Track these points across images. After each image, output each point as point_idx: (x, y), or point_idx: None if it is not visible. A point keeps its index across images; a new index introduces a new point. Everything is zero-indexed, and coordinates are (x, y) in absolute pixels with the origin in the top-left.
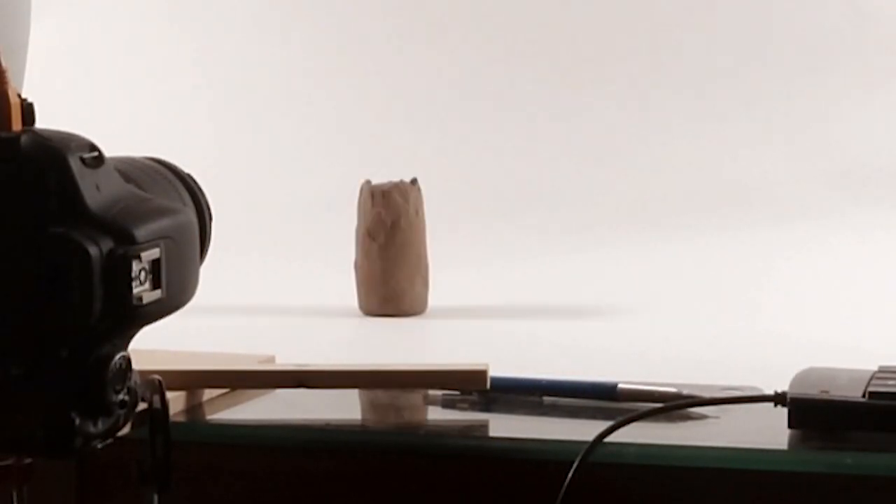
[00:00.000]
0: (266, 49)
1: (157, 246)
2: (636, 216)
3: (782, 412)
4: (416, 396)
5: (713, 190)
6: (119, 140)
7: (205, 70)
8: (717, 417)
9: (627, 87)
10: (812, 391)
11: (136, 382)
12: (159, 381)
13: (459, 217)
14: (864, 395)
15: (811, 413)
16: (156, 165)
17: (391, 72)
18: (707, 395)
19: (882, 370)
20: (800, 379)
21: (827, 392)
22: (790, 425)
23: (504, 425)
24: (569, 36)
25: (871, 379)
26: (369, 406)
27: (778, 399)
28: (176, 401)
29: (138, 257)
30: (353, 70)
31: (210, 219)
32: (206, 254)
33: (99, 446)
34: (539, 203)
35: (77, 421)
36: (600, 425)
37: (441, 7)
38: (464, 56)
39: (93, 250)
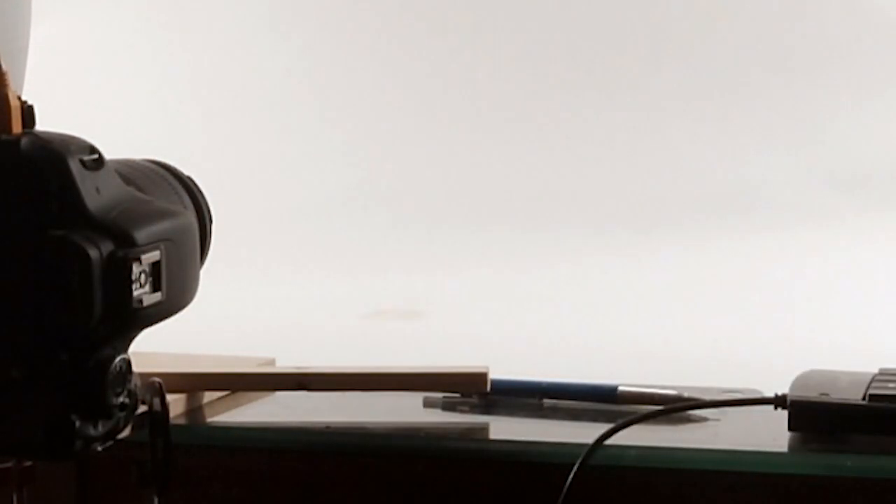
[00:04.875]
0: (268, 50)
1: (157, 248)
2: (636, 218)
3: (783, 415)
4: (416, 399)
5: (713, 192)
6: (119, 142)
7: (206, 72)
8: (717, 420)
9: (626, 89)
10: (812, 394)
11: (136, 385)
12: (160, 384)
13: (460, 218)
14: (863, 398)
15: (811, 415)
16: (156, 168)
17: (391, 74)
18: (707, 397)
19: (882, 373)
20: (800, 381)
21: (827, 395)
22: (790, 428)
23: (504, 428)
24: (569, 37)
25: (871, 381)
26: (370, 408)
27: (778, 402)
28: (176, 403)
29: (138, 260)
30: (354, 71)
31: (210, 221)
32: (206, 256)
33: (99, 449)
34: (539, 205)
35: (77, 423)
36: (601, 428)
37: (441, 8)
38: (462, 57)
39: (93, 253)
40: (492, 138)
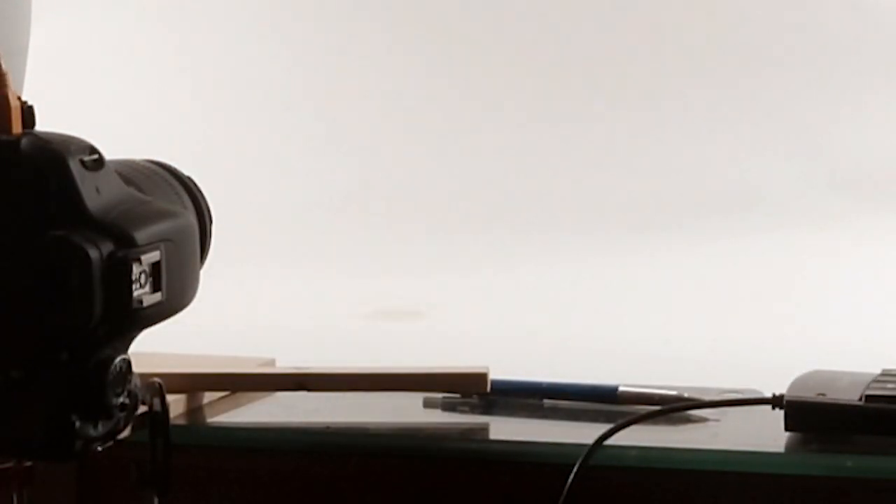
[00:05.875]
0: (268, 50)
1: (157, 249)
2: (636, 220)
3: (781, 415)
4: (416, 399)
5: (713, 192)
6: (119, 142)
7: (206, 73)
8: (717, 420)
9: (624, 90)
10: (809, 394)
11: (136, 385)
12: (160, 384)
13: (459, 219)
14: (861, 399)
15: (808, 416)
16: (156, 168)
17: (389, 74)
18: (707, 397)
19: (884, 373)
20: (799, 382)
21: (824, 395)
22: (787, 428)
23: (504, 428)
24: (567, 38)
25: (870, 382)
26: (369, 409)
27: (775, 402)
28: (176, 404)
29: (138, 260)
30: (352, 71)
31: (210, 221)
32: (206, 257)
33: (99, 449)
34: (538, 206)
35: (77, 424)
36: (601, 428)
37: (440, 10)
38: (461, 59)
39: (93, 253)
40: (491, 138)
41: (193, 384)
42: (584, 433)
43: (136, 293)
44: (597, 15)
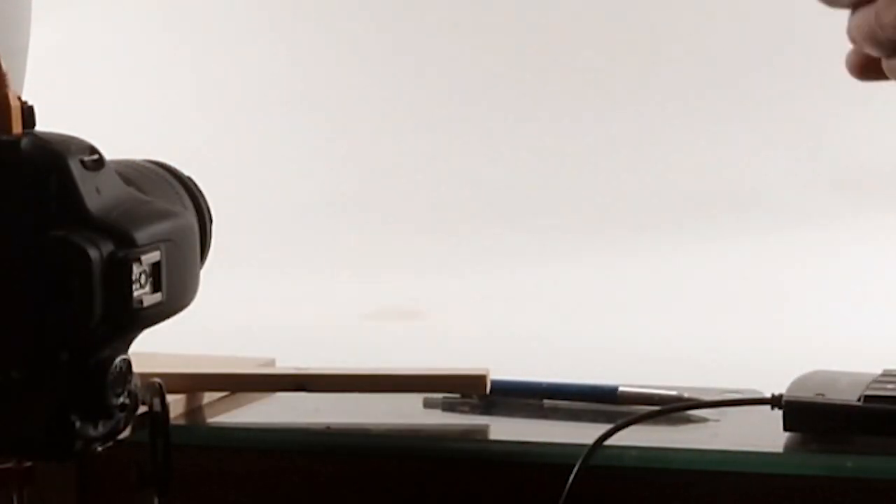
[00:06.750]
0: (267, 51)
1: (157, 249)
2: (636, 218)
3: (780, 415)
4: (416, 400)
5: (713, 192)
6: (119, 143)
7: (206, 73)
8: (717, 420)
9: (625, 90)
10: (808, 394)
11: (136, 385)
12: (160, 385)
13: (459, 219)
14: (860, 399)
15: (806, 416)
16: (156, 168)
17: (389, 74)
18: (707, 397)
19: (885, 374)
20: (799, 382)
21: (823, 395)
22: (785, 428)
23: (505, 429)
24: (566, 38)
25: (870, 383)
26: (370, 409)
27: (775, 402)
28: (176, 404)
29: (138, 260)
30: (351, 71)
31: (210, 221)
32: (206, 257)
33: (99, 449)
34: (538, 206)
35: (77, 424)
36: (601, 428)
37: (439, 9)
38: (461, 59)
39: (93, 253)
40: (491, 138)
41: (193, 384)
42: (584, 433)
43: (136, 293)
44: (598, 14)
